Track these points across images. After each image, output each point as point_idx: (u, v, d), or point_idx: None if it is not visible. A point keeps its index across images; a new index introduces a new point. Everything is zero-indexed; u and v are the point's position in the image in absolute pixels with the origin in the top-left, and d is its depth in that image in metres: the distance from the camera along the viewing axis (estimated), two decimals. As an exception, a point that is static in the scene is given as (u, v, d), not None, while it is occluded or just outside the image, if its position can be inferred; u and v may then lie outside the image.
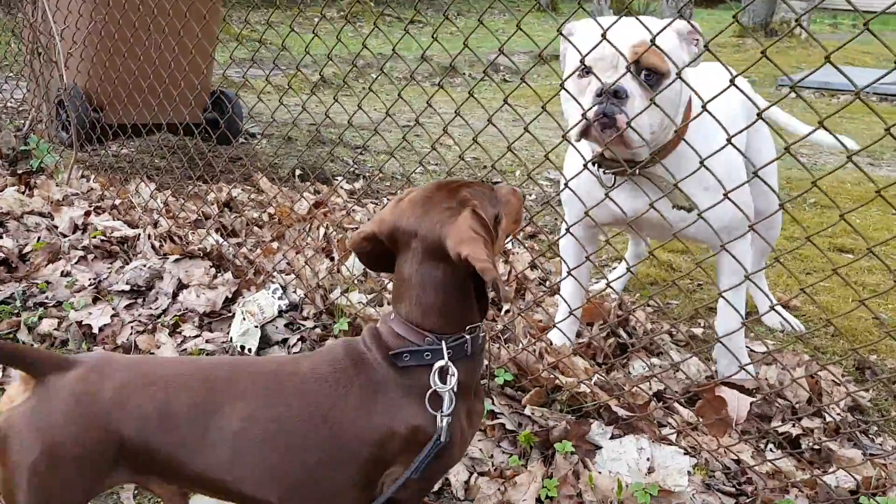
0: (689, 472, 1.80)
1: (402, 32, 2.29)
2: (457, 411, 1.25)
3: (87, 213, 3.22)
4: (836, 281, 3.21)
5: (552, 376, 2.13)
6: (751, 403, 1.96)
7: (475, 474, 1.87)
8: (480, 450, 1.95)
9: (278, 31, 2.73)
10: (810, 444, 1.96)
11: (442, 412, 1.22)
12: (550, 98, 2.03)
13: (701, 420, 1.93)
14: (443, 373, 1.24)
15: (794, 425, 1.99)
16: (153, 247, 2.87)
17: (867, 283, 3.37)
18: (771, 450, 1.95)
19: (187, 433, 1.19)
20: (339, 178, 4.54)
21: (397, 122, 2.56)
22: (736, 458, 1.88)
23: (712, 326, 2.92)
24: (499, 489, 1.81)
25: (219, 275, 2.68)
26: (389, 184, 4.71)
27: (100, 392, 1.19)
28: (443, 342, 1.24)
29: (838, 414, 2.11)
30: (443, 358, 1.23)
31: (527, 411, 2.05)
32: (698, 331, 2.80)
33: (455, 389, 1.23)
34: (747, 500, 1.76)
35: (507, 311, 2.73)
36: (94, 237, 2.99)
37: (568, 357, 2.24)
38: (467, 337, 1.27)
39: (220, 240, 2.89)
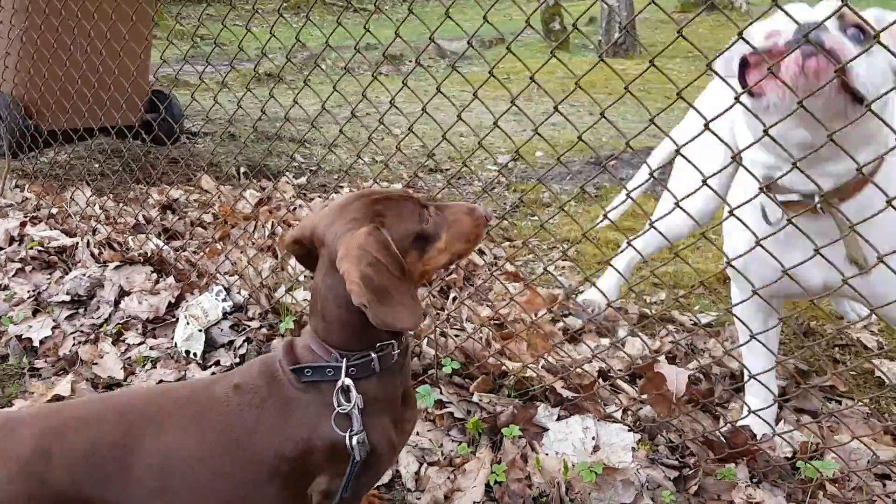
0: (633, 448, 1.84)
1: (349, 20, 2.27)
2: (379, 424, 1.23)
3: (23, 224, 3.14)
4: None
5: (499, 362, 2.15)
6: (689, 376, 2.01)
7: (425, 465, 1.88)
8: (430, 440, 1.96)
9: (216, 26, 2.68)
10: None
11: (351, 431, 1.19)
12: (483, 82, 2.03)
13: (644, 396, 1.97)
14: (346, 391, 1.21)
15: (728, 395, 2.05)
16: (93, 255, 2.82)
17: None
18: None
19: (114, 473, 1.16)
20: (285, 174, 4.49)
21: (334, 117, 2.55)
22: (679, 431, 1.92)
23: (659, 303, 2.98)
24: (448, 478, 1.82)
25: (161, 280, 2.64)
26: (337, 177, 4.68)
27: (20, 449, 1.15)
28: (344, 360, 1.21)
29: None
30: (346, 376, 1.21)
31: (475, 398, 2.07)
32: (647, 310, 2.85)
33: (362, 407, 1.20)
34: (689, 472, 1.80)
35: (455, 299, 2.75)
36: (31, 248, 2.92)
37: (514, 341, 2.27)
38: (373, 355, 1.23)
39: (161, 244, 2.85)
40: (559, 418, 1.96)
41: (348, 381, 1.20)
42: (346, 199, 1.26)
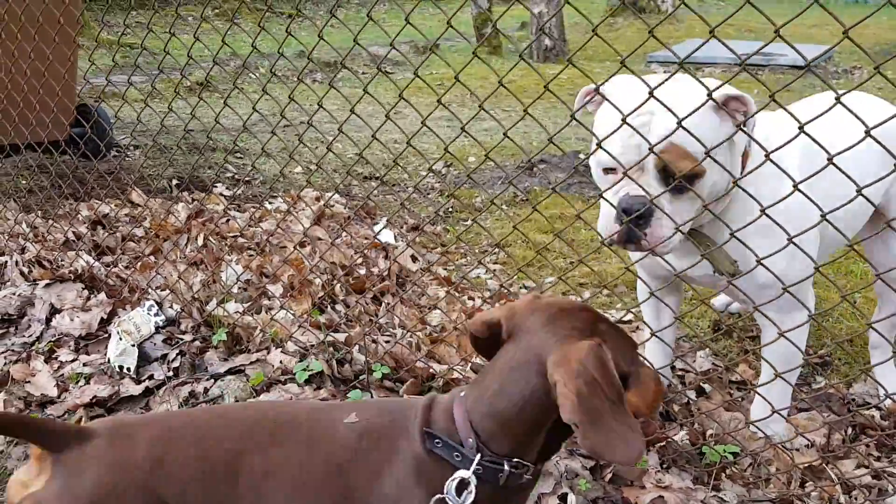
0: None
1: (281, 27, 2.28)
2: None
3: (-52, 243, 3.11)
4: None
5: (427, 366, 2.25)
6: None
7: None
8: (362, 442, 2.04)
9: (143, 33, 2.67)
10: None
11: None
12: (405, 88, 2.12)
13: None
14: (461, 484, 1.13)
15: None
16: (22, 273, 2.81)
17: None
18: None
19: (221, 486, 1.15)
20: (219, 185, 4.51)
21: (270, 123, 2.59)
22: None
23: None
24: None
25: (92, 296, 2.66)
26: (270, 187, 4.71)
27: (132, 457, 1.14)
28: (478, 455, 1.13)
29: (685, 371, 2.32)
30: (469, 468, 1.13)
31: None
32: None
33: None
34: (604, 462, 1.92)
35: (388, 304, 2.83)
36: (-43, 268, 2.89)
37: (442, 344, 2.37)
38: (506, 467, 1.15)
39: (92, 260, 2.86)
40: (484, 416, 2.06)
41: (473, 479, 1.13)
42: (565, 304, 1.22)
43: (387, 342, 2.37)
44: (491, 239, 3.90)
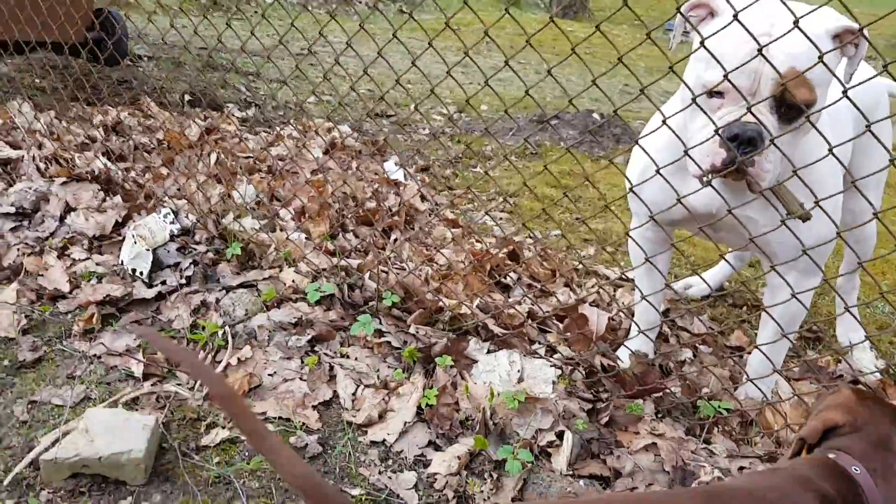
0: (553, 382, 2.01)
1: None
2: None
3: (-37, 134, 3.10)
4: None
5: (436, 299, 2.29)
6: (609, 318, 2.19)
7: (362, 387, 2.02)
8: (367, 365, 2.09)
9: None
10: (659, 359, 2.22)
11: None
12: (439, 32, 2.12)
13: (568, 335, 2.15)
14: None
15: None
16: (38, 169, 2.82)
17: None
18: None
19: None
20: (231, 106, 4.49)
21: (290, 50, 2.59)
22: (593, 367, 2.11)
23: (588, 257, 3.16)
24: (383, 399, 1.97)
25: (108, 199, 2.67)
26: (283, 112, 4.70)
27: None
28: None
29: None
30: None
31: (411, 330, 2.21)
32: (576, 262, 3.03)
33: None
34: (602, 405, 1.99)
35: (396, 240, 2.87)
36: (-28, 158, 2.89)
37: (453, 279, 2.42)
38: None
39: (109, 163, 2.87)
40: (489, 352, 2.12)
41: None
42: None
43: (398, 273, 2.41)
44: (499, 189, 3.94)
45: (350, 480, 1.76)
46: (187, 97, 4.39)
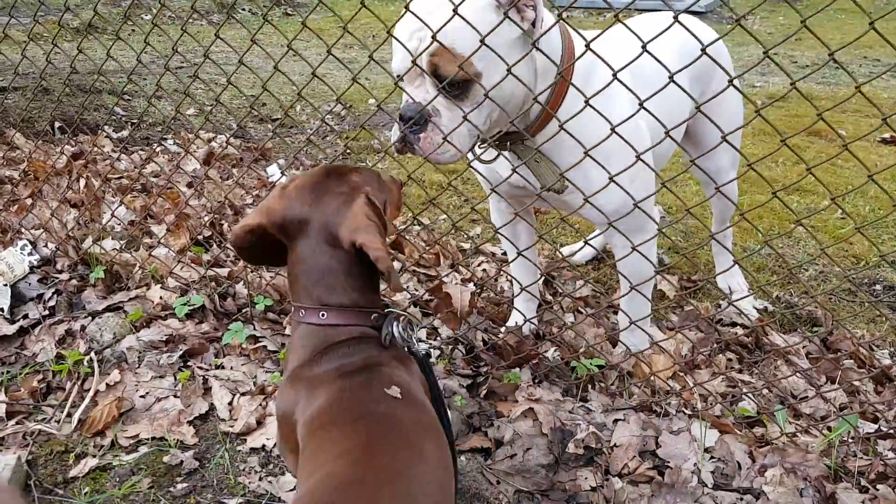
0: (433, 363, 2.01)
1: None
2: None
3: None
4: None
5: (310, 296, 2.26)
6: (472, 294, 2.21)
7: (238, 395, 1.97)
8: (243, 373, 2.05)
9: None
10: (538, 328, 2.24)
11: None
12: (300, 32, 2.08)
13: (438, 315, 2.15)
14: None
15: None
16: None
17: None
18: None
19: None
20: (106, 128, 4.33)
21: (160, 66, 2.49)
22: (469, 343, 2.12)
23: (476, 237, 3.18)
24: (260, 404, 1.93)
25: (-40, 237, 2.54)
26: (160, 129, 4.56)
27: None
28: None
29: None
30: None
31: (287, 331, 2.18)
32: (466, 244, 3.03)
33: None
34: (481, 379, 2.00)
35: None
36: None
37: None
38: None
39: (-40, 201, 2.73)
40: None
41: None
42: (314, 179, 1.28)
43: (271, 277, 2.36)
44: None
45: (229, 490, 1.73)
46: (57, 124, 4.22)
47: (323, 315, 1.25)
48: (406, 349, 1.31)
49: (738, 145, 2.26)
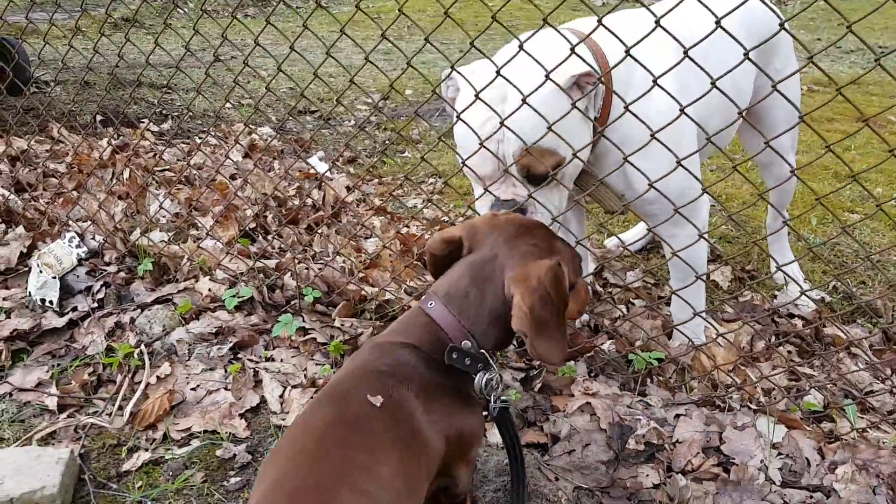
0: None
1: None
2: None
3: None
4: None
5: (358, 288, 2.23)
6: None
7: (289, 388, 1.95)
8: (294, 365, 2.03)
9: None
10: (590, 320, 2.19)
11: None
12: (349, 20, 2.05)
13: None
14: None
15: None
16: (-68, 210, 2.68)
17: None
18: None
19: None
20: (145, 121, 4.35)
21: (200, 60, 2.47)
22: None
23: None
24: (311, 397, 1.90)
25: (9, 230, 2.55)
26: (200, 122, 4.57)
27: None
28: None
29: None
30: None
31: (336, 323, 2.15)
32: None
33: None
34: (535, 373, 1.95)
35: (321, 234, 2.79)
36: None
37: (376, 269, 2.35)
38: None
39: (7, 193, 2.74)
40: (416, 335, 2.06)
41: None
42: (525, 222, 1.32)
43: (319, 268, 2.34)
44: (428, 170, 3.88)
45: (282, 485, 1.70)
46: (99, 117, 4.24)
47: (431, 304, 1.25)
48: (483, 400, 1.29)
49: (796, 128, 2.19)
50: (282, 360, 2.04)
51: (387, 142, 4.45)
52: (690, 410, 1.79)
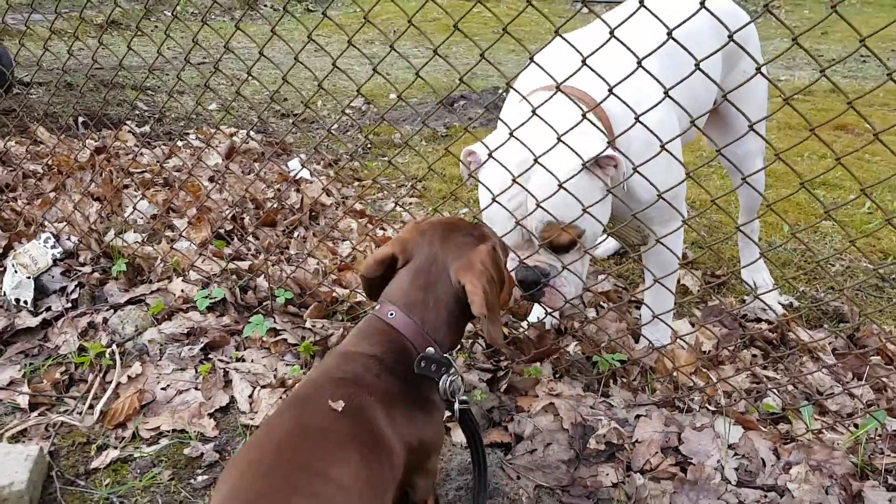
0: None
1: None
2: None
3: None
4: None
5: (330, 290, 2.26)
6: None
7: (258, 388, 1.97)
8: (264, 366, 2.05)
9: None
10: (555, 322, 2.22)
11: None
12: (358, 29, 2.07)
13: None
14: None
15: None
16: None
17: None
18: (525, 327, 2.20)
19: None
20: (128, 122, 4.36)
21: (182, 62, 2.50)
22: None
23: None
24: (280, 397, 1.93)
25: (-15, 230, 2.57)
26: (184, 124, 4.58)
27: None
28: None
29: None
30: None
31: (308, 324, 2.17)
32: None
33: None
34: (501, 374, 1.98)
35: (297, 237, 2.82)
36: None
37: (347, 270, 2.38)
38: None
39: (-16, 195, 2.75)
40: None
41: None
42: (447, 219, 1.40)
43: (292, 270, 2.36)
44: (407, 175, 3.91)
45: (249, 483, 1.72)
46: (81, 119, 4.25)
47: (392, 314, 1.29)
48: (444, 401, 1.34)
49: (763, 132, 2.24)
50: (252, 361, 2.07)
51: (368, 146, 4.48)
52: (651, 411, 1.82)
